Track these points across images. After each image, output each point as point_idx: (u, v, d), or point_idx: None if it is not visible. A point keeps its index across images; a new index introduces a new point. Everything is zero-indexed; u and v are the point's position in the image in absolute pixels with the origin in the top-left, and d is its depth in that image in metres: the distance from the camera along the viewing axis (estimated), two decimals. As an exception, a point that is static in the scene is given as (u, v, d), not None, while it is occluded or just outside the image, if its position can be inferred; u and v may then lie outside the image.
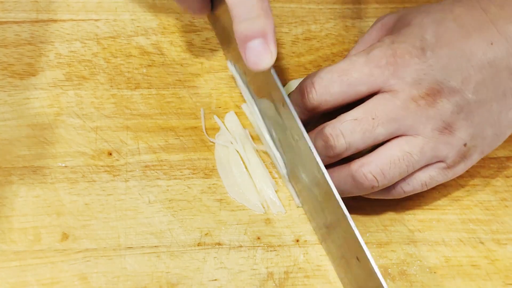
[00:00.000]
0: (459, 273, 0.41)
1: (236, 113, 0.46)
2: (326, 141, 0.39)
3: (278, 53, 0.42)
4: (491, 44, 0.39)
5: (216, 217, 0.42)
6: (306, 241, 0.42)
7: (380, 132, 0.39)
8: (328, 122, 0.40)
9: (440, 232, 0.43)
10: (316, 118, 0.42)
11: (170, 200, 0.43)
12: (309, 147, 0.37)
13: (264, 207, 0.43)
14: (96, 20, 0.49)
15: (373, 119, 0.38)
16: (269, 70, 0.37)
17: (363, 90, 0.39)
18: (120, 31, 0.49)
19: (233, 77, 0.47)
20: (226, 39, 0.46)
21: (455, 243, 0.43)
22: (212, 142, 0.45)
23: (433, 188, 0.43)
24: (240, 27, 0.36)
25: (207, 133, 0.45)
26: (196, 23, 0.49)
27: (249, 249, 0.42)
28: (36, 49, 0.47)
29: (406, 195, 0.41)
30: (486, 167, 0.45)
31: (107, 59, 0.48)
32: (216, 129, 0.46)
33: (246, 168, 0.44)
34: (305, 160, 0.39)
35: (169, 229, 0.42)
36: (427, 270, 0.42)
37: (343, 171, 0.40)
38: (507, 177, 0.45)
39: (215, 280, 0.40)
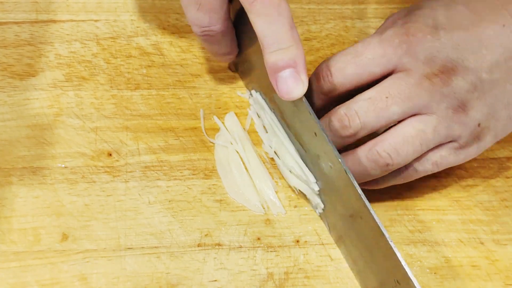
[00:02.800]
0: (459, 274, 0.41)
1: (235, 113, 0.46)
2: (341, 121, 0.39)
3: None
4: (503, 26, 0.39)
5: (216, 218, 0.42)
6: (306, 241, 0.42)
7: (395, 111, 0.39)
8: (343, 104, 0.40)
9: (440, 232, 0.43)
10: (332, 103, 0.42)
11: (170, 201, 0.43)
12: (346, 173, 0.37)
13: (264, 208, 0.43)
14: (96, 20, 0.49)
15: (387, 97, 0.38)
16: (300, 98, 0.38)
17: (376, 71, 0.40)
18: (120, 31, 0.49)
19: (233, 78, 0.47)
20: (250, 69, 0.45)
21: (455, 244, 0.42)
22: (212, 142, 0.45)
23: (433, 189, 0.43)
24: (271, 58, 0.37)
25: (207, 134, 0.45)
26: (196, 24, 0.49)
27: (249, 249, 0.42)
28: (36, 50, 0.47)
29: (418, 177, 0.41)
30: (487, 168, 0.45)
31: (107, 59, 0.48)
32: (216, 129, 0.46)
33: (246, 168, 0.44)
34: (342, 188, 0.39)
35: (169, 229, 0.42)
36: (427, 270, 0.42)
37: (357, 152, 0.40)
38: (508, 177, 0.45)
39: (215, 280, 0.40)
